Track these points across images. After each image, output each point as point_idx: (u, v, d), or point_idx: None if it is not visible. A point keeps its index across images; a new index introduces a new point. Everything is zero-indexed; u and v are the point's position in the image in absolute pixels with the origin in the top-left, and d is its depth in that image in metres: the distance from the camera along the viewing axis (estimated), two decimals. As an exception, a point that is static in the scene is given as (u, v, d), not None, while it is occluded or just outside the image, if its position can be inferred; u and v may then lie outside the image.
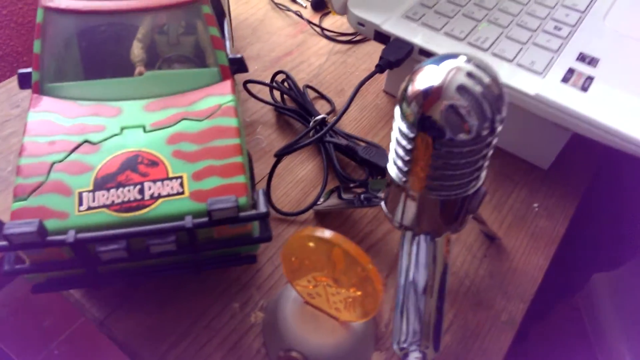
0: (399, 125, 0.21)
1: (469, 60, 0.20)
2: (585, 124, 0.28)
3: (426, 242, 0.24)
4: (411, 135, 0.20)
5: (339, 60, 0.44)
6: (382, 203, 0.25)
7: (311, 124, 0.35)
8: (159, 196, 0.22)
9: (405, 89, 0.20)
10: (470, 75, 0.19)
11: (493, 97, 0.19)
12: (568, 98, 0.29)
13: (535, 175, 0.36)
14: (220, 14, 0.33)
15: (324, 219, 0.32)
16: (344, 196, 0.31)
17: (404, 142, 0.21)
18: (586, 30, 0.34)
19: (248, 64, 0.43)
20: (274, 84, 0.38)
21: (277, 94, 0.39)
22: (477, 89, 0.19)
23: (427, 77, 0.20)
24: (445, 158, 0.20)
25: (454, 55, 0.20)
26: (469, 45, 0.32)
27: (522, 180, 0.35)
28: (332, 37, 0.46)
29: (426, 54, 0.32)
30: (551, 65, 0.31)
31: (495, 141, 0.21)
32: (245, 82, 0.37)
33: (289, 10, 0.48)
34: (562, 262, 0.48)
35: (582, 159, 0.37)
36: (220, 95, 0.26)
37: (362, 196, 0.29)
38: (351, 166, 0.35)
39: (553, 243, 0.32)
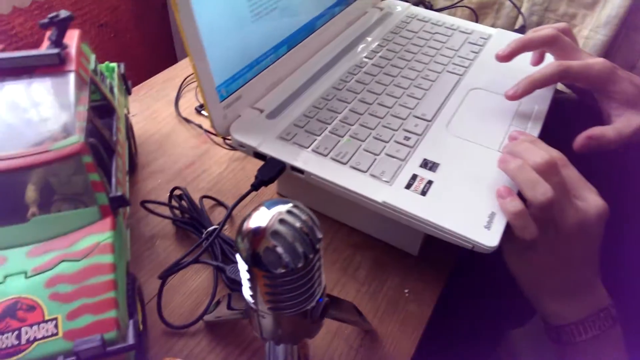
0: (237, 256, 0.25)
1: (294, 206, 0.25)
2: (424, 225, 0.34)
3: (285, 350, 0.28)
4: (245, 267, 0.24)
5: (238, 167, 0.49)
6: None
7: (203, 235, 0.39)
8: (34, 339, 0.25)
9: (242, 225, 0.25)
10: (284, 221, 0.24)
11: (304, 238, 0.24)
12: (409, 203, 0.35)
13: (407, 261, 0.41)
14: (112, 150, 0.37)
15: (214, 328, 0.35)
16: (234, 305, 0.34)
17: (244, 272, 0.25)
18: (431, 138, 0.41)
19: (152, 178, 0.47)
20: (172, 198, 0.43)
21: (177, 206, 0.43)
22: (290, 233, 0.24)
23: (258, 218, 0.24)
24: (276, 286, 0.24)
25: (284, 202, 0.25)
26: (332, 160, 0.38)
27: (395, 268, 0.40)
28: (232, 145, 0.51)
29: (297, 170, 0.38)
30: (398, 173, 0.37)
31: (319, 264, 0.25)
32: (142, 202, 0.41)
33: (192, 122, 0.53)
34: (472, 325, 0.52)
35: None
36: (100, 233, 0.29)
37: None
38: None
39: (420, 326, 0.36)
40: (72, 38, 0.38)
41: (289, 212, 0.24)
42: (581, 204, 0.33)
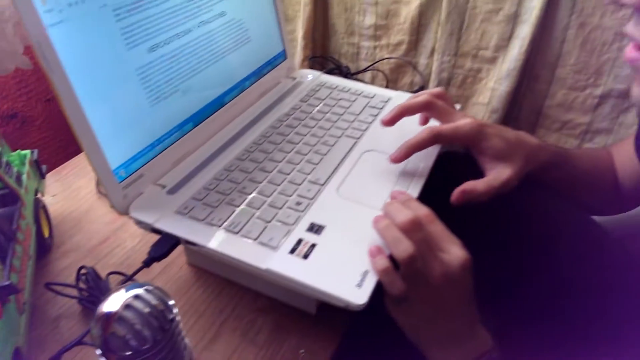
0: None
1: (147, 290, 0.27)
2: (302, 288, 0.36)
3: None
4: (99, 352, 0.26)
5: (152, 239, 0.51)
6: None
7: (106, 312, 0.40)
8: None
9: (96, 310, 0.26)
10: (131, 307, 0.26)
11: (152, 322, 0.26)
12: (291, 267, 0.37)
13: (305, 321, 0.42)
14: (10, 238, 0.39)
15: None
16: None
17: (100, 356, 0.27)
18: (322, 201, 0.44)
19: (65, 257, 0.48)
20: (79, 277, 0.44)
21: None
22: (136, 318, 0.26)
23: (110, 304, 0.26)
24: (130, 365, 0.26)
25: (139, 285, 0.27)
26: (224, 231, 0.40)
27: (295, 329, 0.42)
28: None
29: (190, 243, 0.40)
30: (285, 238, 0.40)
31: (173, 342, 0.27)
32: (47, 284, 0.42)
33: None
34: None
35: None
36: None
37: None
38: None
39: (313, 387, 0.38)
40: (-25, 134, 0.41)
41: (137, 296, 0.26)
42: (445, 256, 0.36)
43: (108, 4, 0.39)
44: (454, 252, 0.36)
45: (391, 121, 0.47)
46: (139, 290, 0.26)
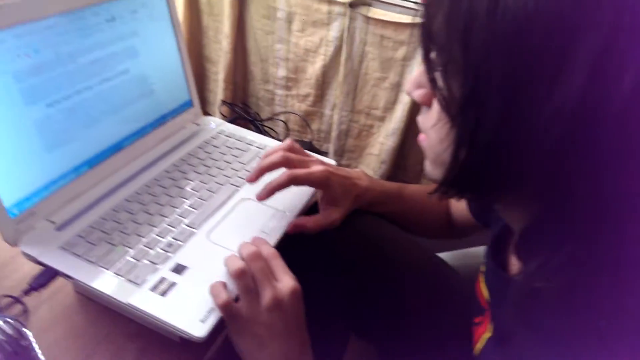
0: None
1: (6, 322, 0.33)
2: (155, 321, 0.44)
3: None
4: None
5: (45, 266, 0.57)
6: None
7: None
8: None
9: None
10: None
11: (4, 349, 0.33)
12: (148, 303, 0.44)
13: (171, 348, 0.50)
14: None
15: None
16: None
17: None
18: (192, 244, 0.51)
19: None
20: (-33, 300, 0.49)
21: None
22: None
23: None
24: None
25: (2, 317, 0.34)
26: (98, 267, 0.47)
27: (160, 353, 0.49)
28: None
29: (67, 276, 0.46)
30: (150, 276, 0.47)
31: (22, 364, 0.34)
32: None
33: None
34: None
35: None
36: None
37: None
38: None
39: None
40: None
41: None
42: (278, 284, 0.45)
43: (8, 70, 0.46)
44: (286, 281, 0.45)
45: (254, 179, 0.56)
46: (-2, 322, 0.33)
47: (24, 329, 0.34)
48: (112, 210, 0.54)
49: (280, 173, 0.54)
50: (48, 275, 0.46)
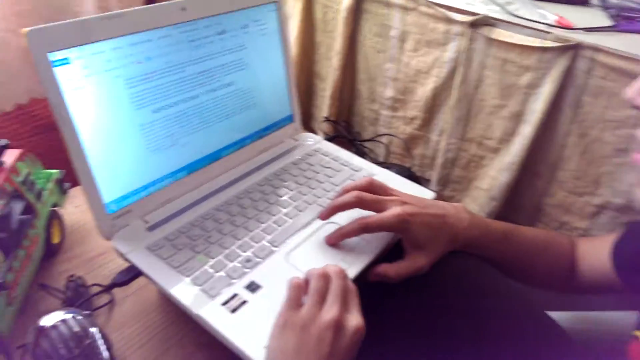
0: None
1: (73, 317, 0.34)
2: (220, 337, 0.42)
3: None
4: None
5: (138, 262, 0.59)
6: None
7: (74, 320, 0.48)
8: None
9: (38, 321, 0.34)
10: (56, 327, 0.33)
11: (69, 343, 0.33)
12: (217, 318, 0.43)
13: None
14: (16, 244, 0.48)
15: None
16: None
17: (31, 360, 0.34)
18: (269, 263, 0.50)
19: (67, 262, 0.58)
20: (68, 283, 0.53)
21: None
22: (57, 337, 0.33)
23: (45, 320, 0.34)
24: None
25: (72, 312, 0.35)
26: (177, 272, 0.48)
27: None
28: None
29: (149, 277, 0.47)
30: (223, 291, 0.46)
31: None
32: (40, 285, 0.52)
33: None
34: None
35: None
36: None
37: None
38: None
39: None
40: (12, 156, 0.52)
41: (64, 321, 0.34)
42: (347, 313, 0.40)
43: (121, 75, 0.49)
44: (355, 316, 0.40)
45: (325, 217, 0.53)
46: (68, 316, 0.34)
47: (91, 329, 0.35)
48: (200, 217, 0.55)
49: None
50: (132, 273, 0.48)
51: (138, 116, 0.51)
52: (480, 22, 0.72)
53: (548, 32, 0.67)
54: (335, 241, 0.51)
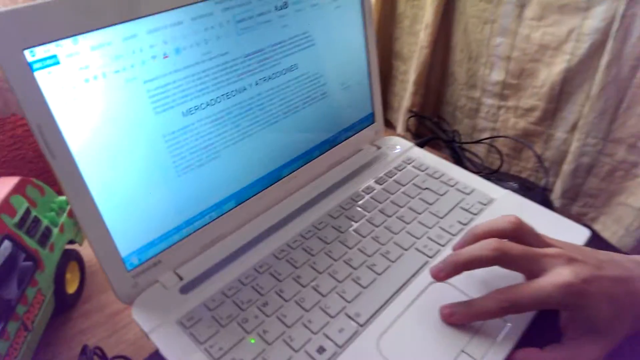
0: None
1: None
2: None
3: None
4: None
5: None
6: None
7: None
8: None
9: None
10: None
11: None
12: None
13: None
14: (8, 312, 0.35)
15: None
16: None
17: None
18: (352, 354, 0.33)
19: (86, 318, 0.45)
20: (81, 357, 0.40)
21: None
22: None
23: None
24: None
25: None
26: (219, 368, 0.32)
27: None
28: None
29: (179, 371, 0.33)
30: (286, 406, 0.30)
31: None
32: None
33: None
34: None
35: None
36: None
37: None
38: None
39: None
40: (5, 188, 0.39)
41: None
42: None
43: (138, 76, 0.33)
44: None
45: (445, 277, 0.35)
46: None
47: None
48: (253, 270, 0.39)
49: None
50: (158, 364, 0.33)
51: (160, 123, 0.35)
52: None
53: None
54: (459, 322, 0.34)
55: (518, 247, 0.33)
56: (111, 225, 0.34)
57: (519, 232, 0.35)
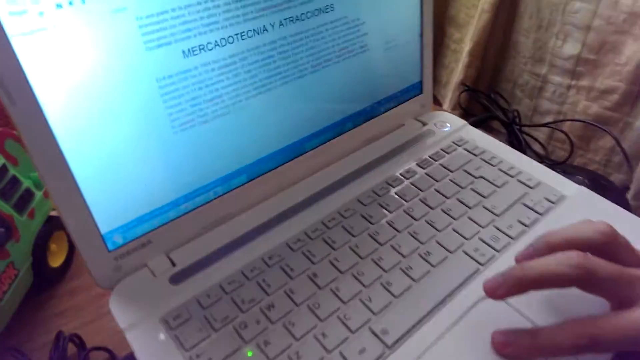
0: None
1: None
2: None
3: None
4: None
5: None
6: None
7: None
8: None
9: None
10: None
11: None
12: None
13: None
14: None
15: None
16: None
17: None
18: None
19: (71, 294, 0.40)
20: (56, 344, 0.34)
21: None
22: None
23: None
24: None
25: None
26: (205, 386, 0.26)
27: None
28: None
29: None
30: None
31: None
32: (11, 349, 0.33)
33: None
34: None
35: None
36: None
37: None
38: None
39: None
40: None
41: None
42: None
43: (129, 8, 0.26)
44: None
45: (502, 295, 0.26)
46: None
47: None
48: (260, 261, 0.32)
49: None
50: (131, 369, 0.27)
51: (153, 62, 0.28)
52: None
53: None
54: (517, 355, 0.26)
55: (608, 265, 0.25)
56: (89, 194, 0.28)
57: (611, 246, 0.26)
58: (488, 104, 0.60)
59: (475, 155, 0.41)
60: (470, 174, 0.39)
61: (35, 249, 0.36)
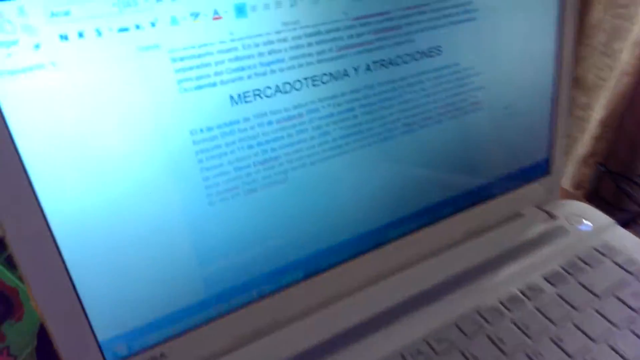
0: None
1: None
2: None
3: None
4: None
5: None
6: None
7: None
8: None
9: None
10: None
11: None
12: None
13: None
14: None
15: None
16: None
17: None
18: None
19: None
20: None
21: None
22: None
23: None
24: None
25: None
26: None
27: None
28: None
29: None
30: None
31: None
32: None
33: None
34: None
35: None
36: None
37: None
38: None
39: None
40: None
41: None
42: None
43: (162, 44, 0.19)
44: None
45: None
46: None
47: None
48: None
49: None
50: None
51: (187, 108, 0.20)
52: None
53: None
54: None
55: None
56: (84, 289, 0.20)
57: None
58: (629, 189, 0.46)
59: (632, 274, 0.28)
60: (629, 306, 0.26)
61: (42, 330, 0.30)
